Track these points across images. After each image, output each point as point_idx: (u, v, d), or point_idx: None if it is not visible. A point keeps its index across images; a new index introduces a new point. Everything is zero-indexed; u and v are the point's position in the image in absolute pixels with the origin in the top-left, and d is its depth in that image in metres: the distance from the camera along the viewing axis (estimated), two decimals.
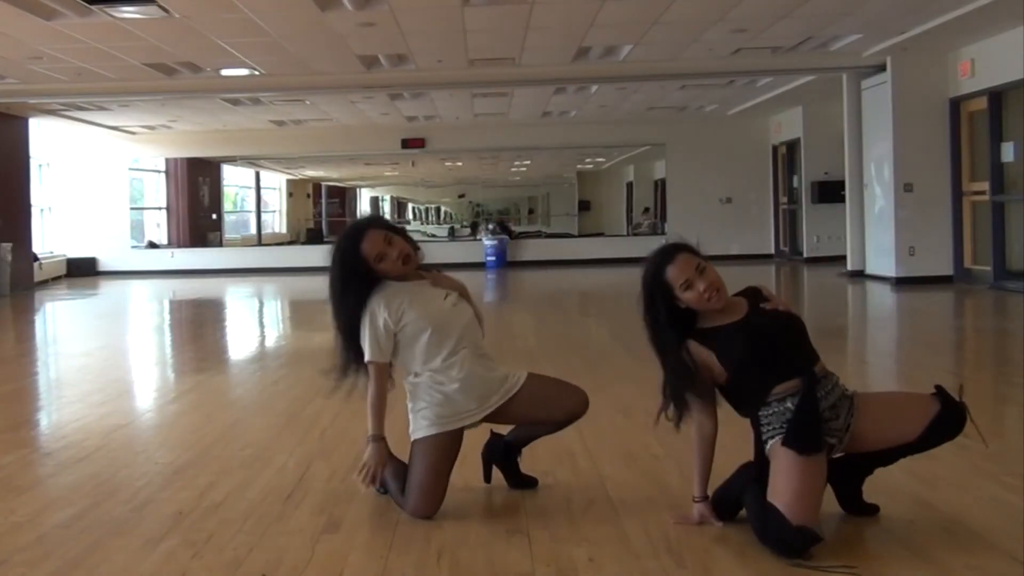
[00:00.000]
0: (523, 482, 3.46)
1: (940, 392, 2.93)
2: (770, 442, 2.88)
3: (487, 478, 3.49)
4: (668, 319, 2.95)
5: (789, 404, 2.85)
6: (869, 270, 12.97)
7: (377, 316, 3.21)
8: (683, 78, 13.13)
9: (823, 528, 2.77)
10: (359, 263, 3.18)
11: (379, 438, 3.23)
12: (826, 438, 2.86)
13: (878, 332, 8.87)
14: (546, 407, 3.34)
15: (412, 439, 3.27)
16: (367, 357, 3.22)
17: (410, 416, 3.30)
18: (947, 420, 2.88)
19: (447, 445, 3.23)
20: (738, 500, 2.97)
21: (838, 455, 2.95)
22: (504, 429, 3.50)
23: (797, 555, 2.68)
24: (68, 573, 2.77)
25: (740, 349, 2.91)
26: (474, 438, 3.50)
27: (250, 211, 25.65)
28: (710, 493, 3.02)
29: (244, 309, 13.54)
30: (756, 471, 2.94)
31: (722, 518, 2.98)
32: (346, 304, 3.22)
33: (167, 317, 12.22)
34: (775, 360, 2.90)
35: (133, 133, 17.97)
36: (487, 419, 3.32)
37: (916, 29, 10.51)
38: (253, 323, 11.76)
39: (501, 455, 3.47)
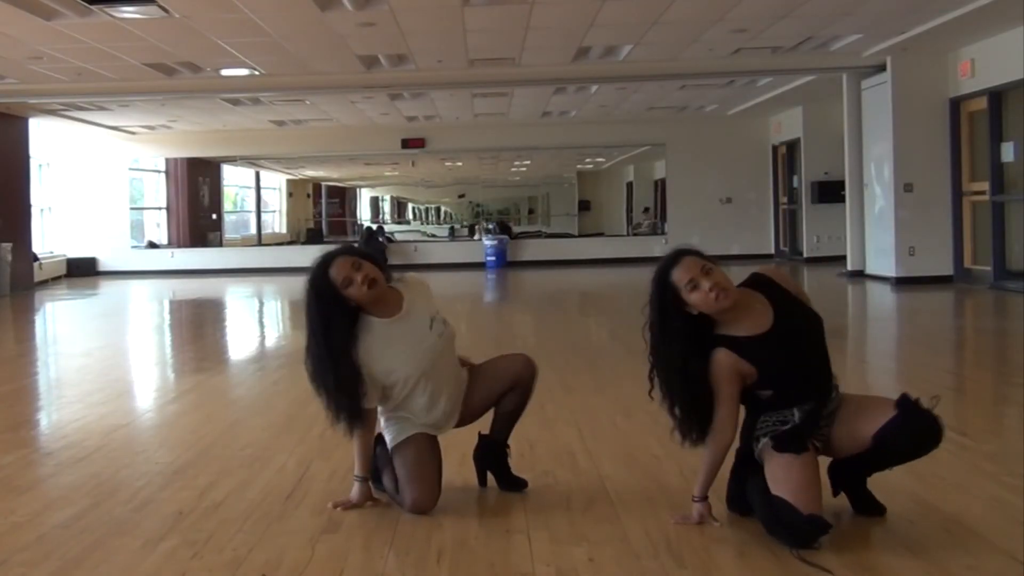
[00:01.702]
0: (513, 483, 3.46)
1: (903, 400, 2.87)
2: (763, 440, 2.90)
3: (482, 482, 3.50)
4: (682, 327, 2.91)
5: (795, 409, 2.89)
6: (869, 270, 12.97)
7: (371, 367, 3.22)
8: (683, 78, 13.13)
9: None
10: (329, 288, 3.17)
11: (365, 479, 3.32)
12: (813, 441, 2.91)
13: (878, 332, 8.87)
14: (489, 380, 3.43)
15: (391, 447, 3.33)
16: (365, 404, 3.25)
17: (384, 430, 3.38)
18: (903, 429, 2.82)
19: (425, 442, 3.31)
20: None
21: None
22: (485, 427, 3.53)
23: (808, 544, 2.70)
24: (68, 573, 2.77)
25: (781, 361, 2.89)
26: (469, 440, 3.51)
27: (250, 211, 25.63)
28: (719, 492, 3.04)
29: (244, 309, 13.54)
30: (743, 458, 2.98)
31: (744, 513, 3.00)
32: (328, 338, 3.17)
33: (167, 317, 12.22)
34: (810, 372, 2.92)
35: (133, 133, 17.97)
36: (458, 423, 3.44)
37: (916, 29, 10.51)
38: (253, 323, 11.77)
39: (491, 456, 3.49)
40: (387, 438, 3.36)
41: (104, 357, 8.02)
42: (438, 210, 32.19)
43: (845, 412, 2.95)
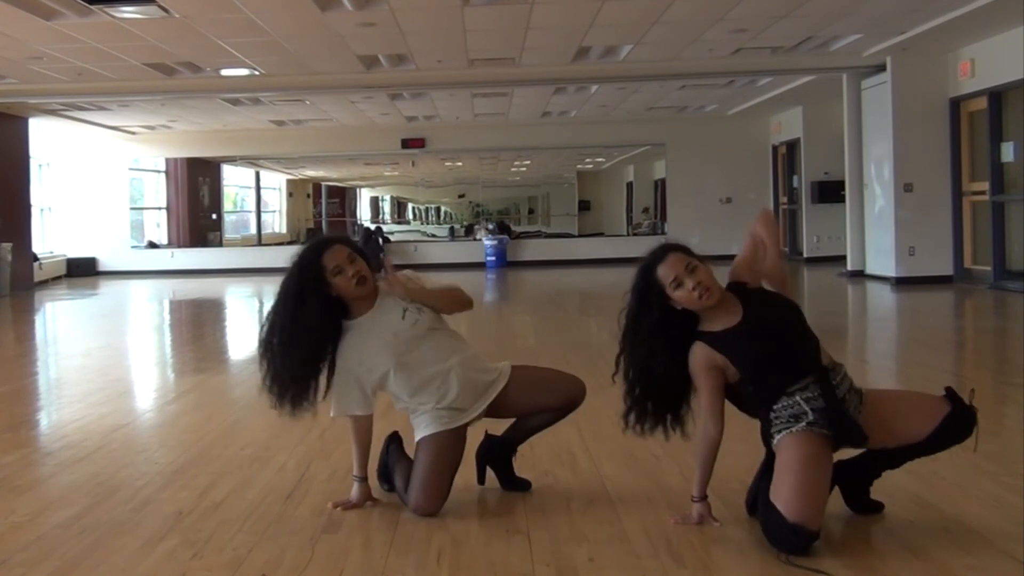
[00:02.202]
0: (516, 484, 3.47)
1: (951, 394, 2.91)
2: (777, 436, 2.88)
3: (481, 480, 3.50)
4: (660, 319, 2.94)
5: (798, 398, 2.86)
6: (869, 270, 12.97)
7: (353, 370, 3.23)
8: (683, 78, 13.13)
9: (827, 526, 2.77)
10: (316, 271, 3.17)
11: (364, 479, 3.31)
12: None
13: (878, 332, 8.86)
14: (542, 392, 3.41)
15: (416, 440, 3.32)
16: (356, 411, 3.26)
17: (412, 421, 3.36)
18: (957, 423, 2.87)
19: (450, 443, 3.27)
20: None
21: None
22: (501, 427, 3.50)
23: (793, 551, 2.68)
24: (68, 573, 2.77)
25: (752, 351, 2.90)
26: (470, 439, 3.50)
27: (250, 211, 25.65)
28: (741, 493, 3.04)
29: (244, 309, 13.54)
30: (766, 464, 2.96)
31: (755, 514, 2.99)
32: (300, 316, 3.16)
33: (167, 317, 12.22)
34: (786, 357, 2.90)
35: (133, 133, 17.97)
36: (488, 413, 3.37)
37: (916, 29, 10.51)
38: (253, 323, 11.76)
39: (495, 455, 3.48)
40: (414, 429, 3.34)
41: (104, 357, 8.02)
42: (438, 210, 32.19)
43: (882, 407, 2.93)
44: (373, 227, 22.30)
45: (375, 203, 32.63)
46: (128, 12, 8.83)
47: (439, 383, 3.26)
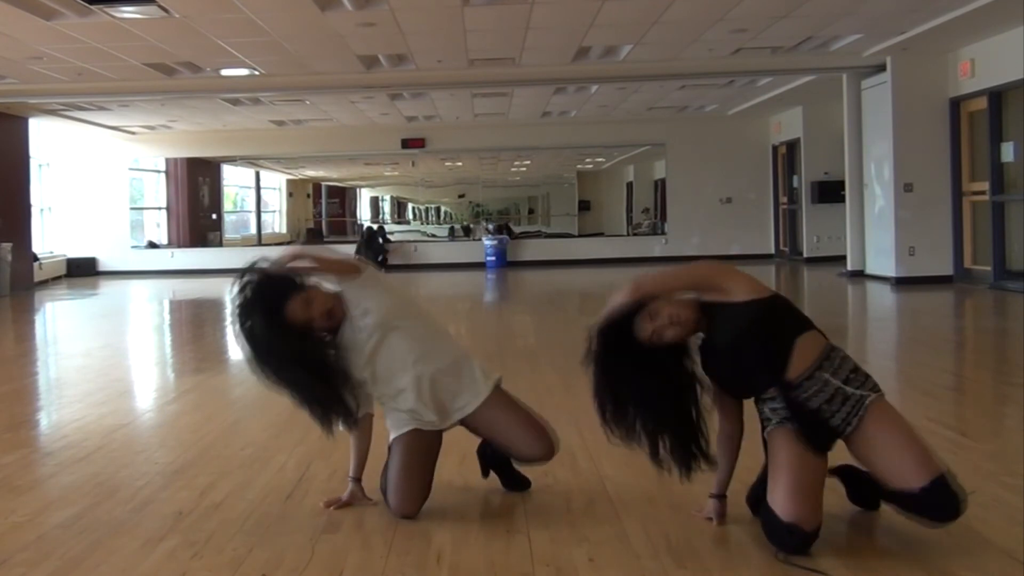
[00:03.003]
0: (517, 483, 3.46)
1: (940, 478, 2.69)
2: (769, 427, 2.88)
3: (484, 473, 3.49)
4: (643, 355, 2.88)
5: (765, 408, 2.87)
6: (869, 270, 12.97)
7: (357, 373, 3.22)
8: (683, 78, 13.13)
9: (826, 526, 2.77)
10: (291, 327, 3.09)
11: (358, 480, 3.31)
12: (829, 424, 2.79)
13: (878, 332, 8.86)
14: (506, 438, 3.31)
15: (389, 441, 3.33)
16: (371, 409, 3.28)
17: (386, 419, 3.36)
18: (919, 506, 2.71)
19: (420, 443, 3.25)
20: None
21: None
22: None
23: (791, 552, 2.68)
24: (68, 573, 2.77)
25: (710, 371, 2.90)
26: (468, 440, 3.50)
27: (250, 211, 25.63)
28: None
29: None
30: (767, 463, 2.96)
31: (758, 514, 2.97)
32: (304, 364, 3.12)
33: (167, 317, 12.22)
34: (737, 385, 2.91)
35: (133, 133, 17.98)
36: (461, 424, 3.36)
37: (916, 29, 10.51)
38: None
39: (493, 455, 3.48)
40: (388, 428, 3.34)
41: (104, 357, 8.02)
42: (438, 210, 32.17)
43: (871, 436, 2.77)
44: (375, 227, 22.28)
45: (375, 203, 32.61)
46: (128, 12, 8.83)
47: (403, 390, 3.23)
